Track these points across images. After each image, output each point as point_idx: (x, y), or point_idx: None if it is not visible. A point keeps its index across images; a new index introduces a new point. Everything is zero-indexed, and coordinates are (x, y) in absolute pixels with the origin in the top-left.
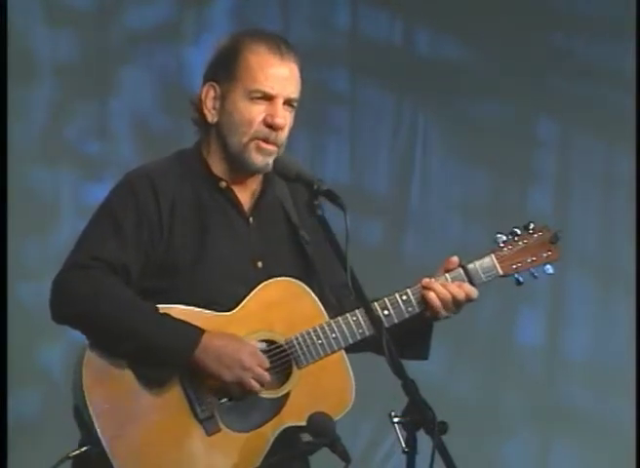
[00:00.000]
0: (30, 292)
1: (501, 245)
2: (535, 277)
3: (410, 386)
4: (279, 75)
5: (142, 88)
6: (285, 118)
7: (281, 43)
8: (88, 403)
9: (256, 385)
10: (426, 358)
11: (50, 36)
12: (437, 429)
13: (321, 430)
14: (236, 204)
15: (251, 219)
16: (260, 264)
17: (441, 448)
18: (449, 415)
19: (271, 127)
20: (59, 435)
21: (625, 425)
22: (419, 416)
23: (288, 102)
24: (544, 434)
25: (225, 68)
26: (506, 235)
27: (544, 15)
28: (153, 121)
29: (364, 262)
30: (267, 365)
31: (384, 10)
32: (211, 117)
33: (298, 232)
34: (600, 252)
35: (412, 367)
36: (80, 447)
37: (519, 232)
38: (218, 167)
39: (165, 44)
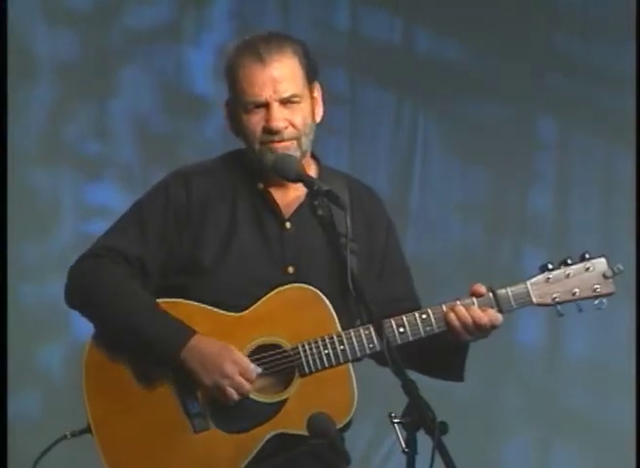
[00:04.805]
0: (30, 292)
1: (543, 273)
2: (580, 311)
3: (410, 386)
4: (265, 80)
5: (142, 88)
6: (284, 119)
7: (263, 46)
8: (84, 385)
9: (232, 393)
10: (462, 380)
11: (50, 36)
12: (437, 429)
13: (321, 430)
14: (272, 207)
15: (288, 224)
16: (290, 270)
17: (441, 449)
18: (449, 415)
19: (270, 131)
20: (58, 435)
21: (625, 425)
22: (418, 417)
23: (286, 101)
24: (544, 434)
25: (228, 86)
26: (554, 263)
27: (544, 15)
28: (153, 121)
29: None
30: (252, 375)
31: (384, 10)
32: (235, 132)
33: (339, 241)
34: (600, 252)
35: None
36: (85, 430)
37: (569, 262)
38: (256, 171)
39: (165, 44)
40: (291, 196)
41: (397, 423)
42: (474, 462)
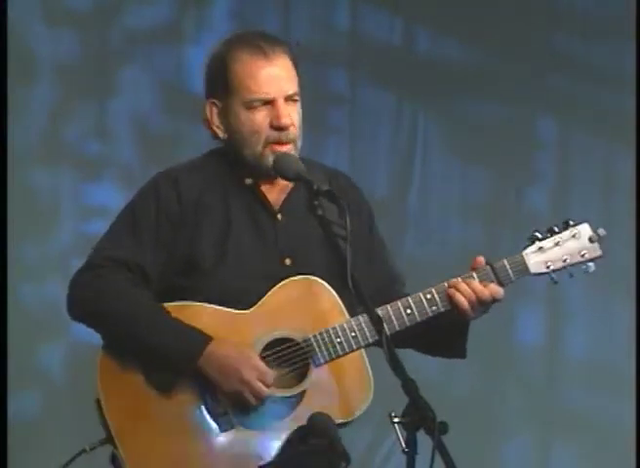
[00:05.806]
0: (30, 292)
1: (535, 242)
2: (571, 276)
3: (410, 386)
4: (270, 77)
5: (142, 88)
6: (289, 116)
7: (263, 42)
8: (102, 397)
9: (252, 399)
10: (464, 356)
11: (50, 36)
12: (437, 429)
13: (321, 431)
14: (262, 201)
15: (279, 216)
16: (288, 262)
17: (441, 449)
18: (448, 415)
19: (279, 128)
20: (59, 435)
21: (625, 425)
22: (418, 417)
23: (289, 98)
24: (544, 434)
25: (219, 84)
26: (542, 232)
27: (544, 15)
28: (153, 121)
29: None
30: (270, 380)
31: (384, 10)
32: (221, 133)
33: (332, 229)
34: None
35: (412, 367)
36: (103, 442)
37: (556, 229)
38: (243, 167)
39: (165, 44)
40: (279, 188)
41: (397, 423)
42: (474, 462)
